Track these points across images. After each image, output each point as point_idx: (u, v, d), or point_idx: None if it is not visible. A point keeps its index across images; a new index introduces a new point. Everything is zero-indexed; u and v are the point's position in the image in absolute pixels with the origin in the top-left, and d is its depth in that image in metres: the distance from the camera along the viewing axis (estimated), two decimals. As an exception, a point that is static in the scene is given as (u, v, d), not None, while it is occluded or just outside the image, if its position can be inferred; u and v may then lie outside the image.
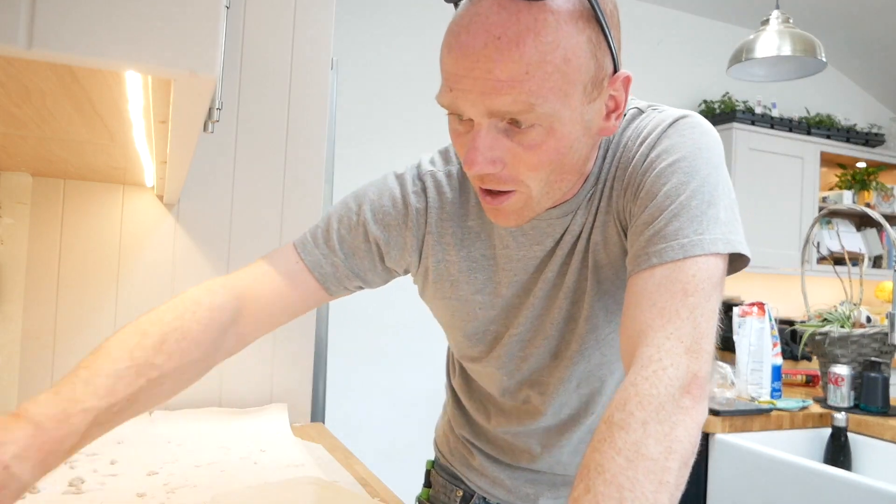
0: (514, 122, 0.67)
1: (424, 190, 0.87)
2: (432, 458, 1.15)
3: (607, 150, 0.79)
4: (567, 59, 0.64)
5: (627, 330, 0.67)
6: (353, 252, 0.87)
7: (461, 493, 1.04)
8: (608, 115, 0.72)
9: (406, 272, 0.92)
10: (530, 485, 0.97)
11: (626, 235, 0.77)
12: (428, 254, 0.87)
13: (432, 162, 0.89)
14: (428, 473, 1.14)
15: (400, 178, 0.88)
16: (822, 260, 4.11)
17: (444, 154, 0.89)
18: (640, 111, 0.80)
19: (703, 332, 0.63)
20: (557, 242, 0.82)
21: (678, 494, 0.56)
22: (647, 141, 0.75)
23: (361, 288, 0.92)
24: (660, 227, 0.68)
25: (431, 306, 0.94)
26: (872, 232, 4.41)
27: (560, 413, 0.91)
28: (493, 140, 0.67)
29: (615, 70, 0.70)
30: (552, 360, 0.88)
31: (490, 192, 0.72)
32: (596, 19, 0.66)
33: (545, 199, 0.74)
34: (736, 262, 0.72)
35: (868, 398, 1.98)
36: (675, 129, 0.74)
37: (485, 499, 1.02)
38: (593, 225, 0.80)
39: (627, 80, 0.71)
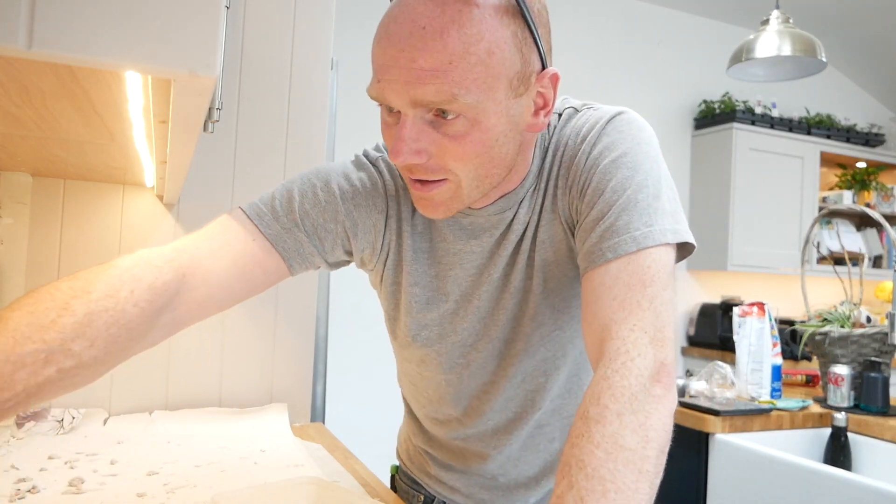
0: (440, 113, 0.67)
1: (380, 173, 0.86)
2: (397, 464, 1.15)
3: (547, 149, 0.80)
4: (490, 51, 0.65)
5: (590, 326, 0.68)
6: (316, 229, 0.82)
7: (422, 498, 1.05)
8: (536, 112, 0.73)
9: (360, 260, 0.88)
10: (485, 490, 0.98)
11: (572, 233, 0.78)
12: (387, 234, 0.86)
13: (377, 149, 0.88)
14: (392, 479, 1.14)
15: (357, 162, 0.87)
16: (822, 260, 4.11)
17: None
18: (577, 110, 0.81)
19: (664, 321, 0.65)
20: (499, 241, 0.82)
21: (657, 482, 0.57)
22: (587, 139, 0.76)
23: (318, 268, 0.87)
24: (610, 221, 0.70)
25: (380, 294, 0.92)
26: (872, 232, 4.41)
27: (506, 410, 0.91)
28: (419, 131, 0.67)
29: (543, 67, 0.71)
30: (497, 360, 0.88)
31: (420, 182, 0.72)
32: (522, 16, 0.67)
33: (474, 192, 0.74)
34: (682, 250, 0.73)
35: (868, 398, 1.98)
36: (612, 125, 0.76)
37: (444, 503, 1.02)
38: (538, 223, 0.81)
39: (555, 78, 0.72)
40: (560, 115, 0.82)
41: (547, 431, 0.94)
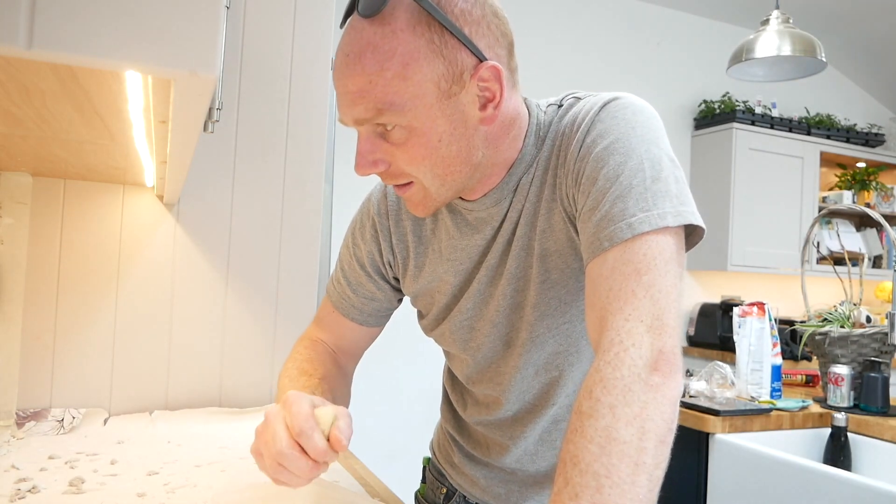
0: (381, 126, 0.73)
1: (385, 195, 0.95)
2: (429, 455, 1.17)
3: (545, 138, 0.81)
4: (405, 63, 0.69)
5: (590, 318, 0.68)
6: (359, 282, 0.98)
7: (444, 491, 1.07)
8: (484, 106, 0.74)
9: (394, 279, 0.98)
10: (502, 484, 0.98)
11: (572, 223, 0.78)
12: (397, 250, 0.94)
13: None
14: (424, 469, 1.16)
15: (371, 191, 0.98)
16: (822, 260, 4.11)
17: None
18: (578, 99, 0.82)
19: (663, 308, 0.63)
20: (497, 230, 0.84)
21: (659, 473, 0.56)
22: (581, 127, 0.76)
23: (394, 308, 1.02)
24: (606, 210, 0.69)
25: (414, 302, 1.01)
26: (872, 232, 4.42)
27: (523, 400, 0.92)
28: (372, 144, 0.75)
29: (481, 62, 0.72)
30: (505, 348, 0.89)
31: (397, 186, 0.79)
32: (437, 21, 0.70)
33: (442, 190, 0.78)
34: (692, 235, 0.72)
35: (868, 398, 1.98)
36: (605, 112, 0.75)
37: (465, 497, 1.03)
38: (538, 212, 0.81)
39: (495, 70, 0.73)
40: (561, 105, 0.83)
41: (563, 427, 0.94)
